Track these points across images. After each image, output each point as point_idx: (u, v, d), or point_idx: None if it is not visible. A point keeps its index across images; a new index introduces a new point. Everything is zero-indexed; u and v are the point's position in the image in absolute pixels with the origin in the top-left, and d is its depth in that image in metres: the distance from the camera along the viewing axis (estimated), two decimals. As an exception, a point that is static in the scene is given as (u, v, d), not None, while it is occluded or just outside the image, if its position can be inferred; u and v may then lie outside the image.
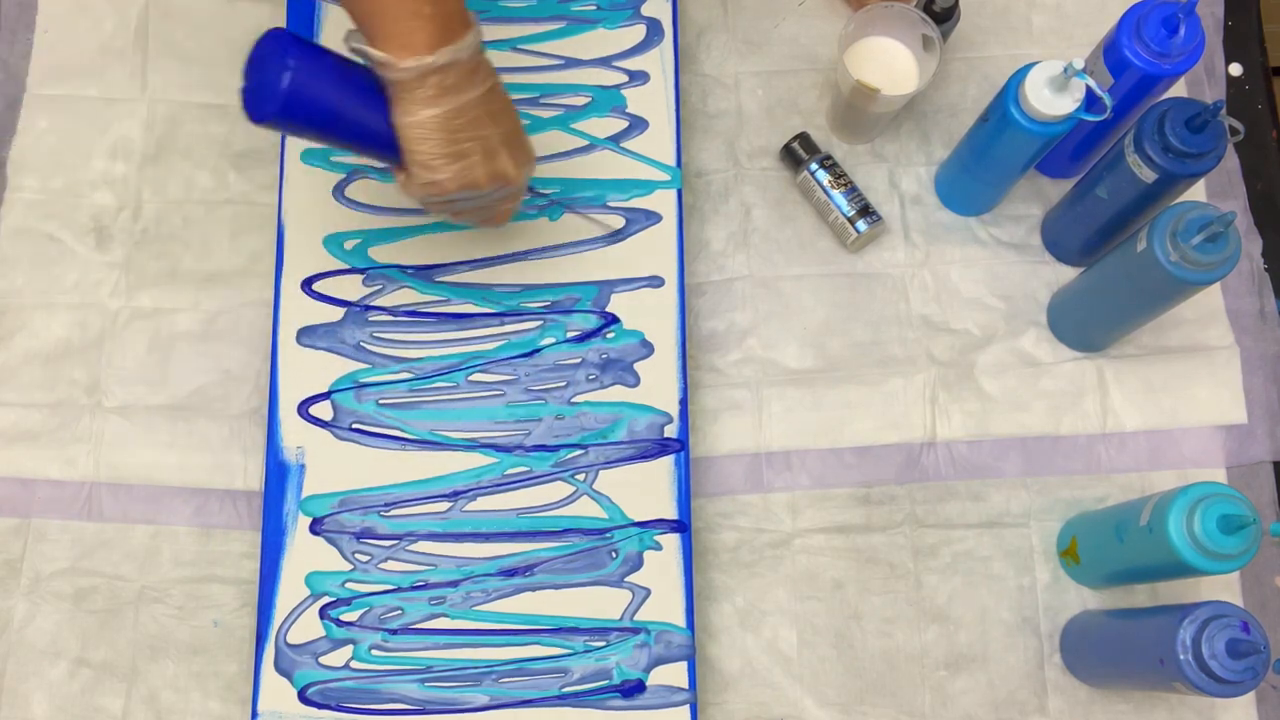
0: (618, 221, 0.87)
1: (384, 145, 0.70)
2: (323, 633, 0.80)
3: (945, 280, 0.92)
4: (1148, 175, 0.78)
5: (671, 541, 0.82)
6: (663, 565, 0.82)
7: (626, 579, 0.81)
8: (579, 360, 0.85)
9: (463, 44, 0.67)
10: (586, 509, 0.83)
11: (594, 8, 0.92)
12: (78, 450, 0.87)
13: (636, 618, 0.81)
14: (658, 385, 0.85)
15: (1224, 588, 0.85)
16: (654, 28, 0.92)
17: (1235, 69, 0.97)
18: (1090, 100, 0.79)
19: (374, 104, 0.69)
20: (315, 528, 0.82)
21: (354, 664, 0.80)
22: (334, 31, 0.90)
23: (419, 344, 0.85)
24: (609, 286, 0.87)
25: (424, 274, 0.86)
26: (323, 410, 0.84)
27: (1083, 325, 0.89)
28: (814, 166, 0.91)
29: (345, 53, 0.70)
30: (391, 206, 0.87)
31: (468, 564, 0.81)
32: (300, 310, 0.85)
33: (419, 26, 0.66)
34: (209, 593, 0.85)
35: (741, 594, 0.85)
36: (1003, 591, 0.86)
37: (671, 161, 0.89)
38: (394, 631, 0.80)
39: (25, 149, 0.93)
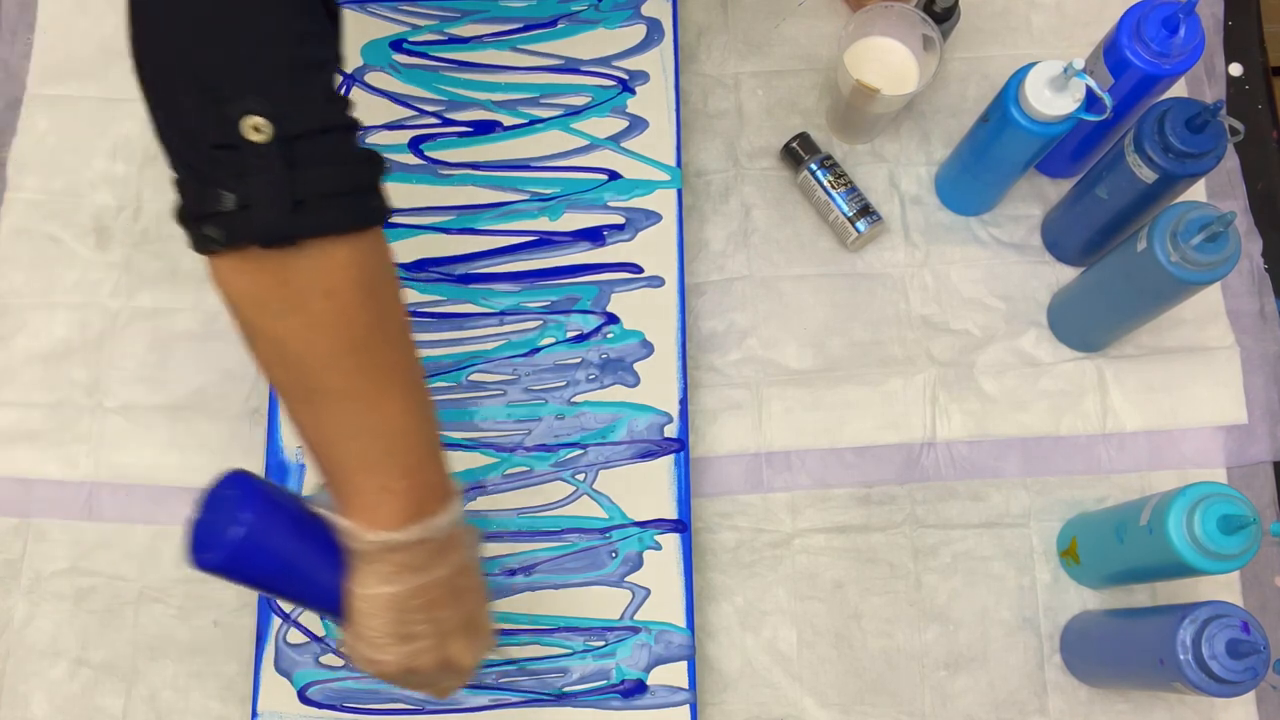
0: None
1: (333, 607, 0.61)
2: (323, 632, 0.80)
3: (945, 280, 0.92)
4: (1148, 175, 0.78)
5: (671, 541, 0.82)
6: (662, 565, 0.82)
7: (626, 579, 0.81)
8: (579, 360, 0.85)
9: (436, 521, 0.59)
10: (586, 509, 0.83)
11: (594, 8, 0.92)
12: (78, 450, 0.87)
13: (636, 617, 0.81)
14: (658, 385, 0.85)
15: (1224, 588, 0.85)
16: (654, 28, 0.92)
17: (1235, 69, 0.97)
18: (1090, 100, 0.79)
19: (330, 564, 0.60)
20: (315, 528, 0.82)
21: (354, 664, 0.80)
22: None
23: (419, 344, 0.85)
24: (609, 286, 0.87)
25: (423, 272, 0.86)
26: (323, 410, 0.84)
27: (1083, 325, 0.89)
28: (814, 166, 0.91)
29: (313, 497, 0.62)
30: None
31: (468, 564, 0.81)
32: (300, 310, 0.85)
33: (386, 501, 0.58)
34: (209, 593, 0.85)
35: (741, 594, 0.85)
36: (1003, 591, 0.86)
37: (671, 161, 0.89)
38: (394, 631, 0.80)
39: (25, 149, 0.93)
